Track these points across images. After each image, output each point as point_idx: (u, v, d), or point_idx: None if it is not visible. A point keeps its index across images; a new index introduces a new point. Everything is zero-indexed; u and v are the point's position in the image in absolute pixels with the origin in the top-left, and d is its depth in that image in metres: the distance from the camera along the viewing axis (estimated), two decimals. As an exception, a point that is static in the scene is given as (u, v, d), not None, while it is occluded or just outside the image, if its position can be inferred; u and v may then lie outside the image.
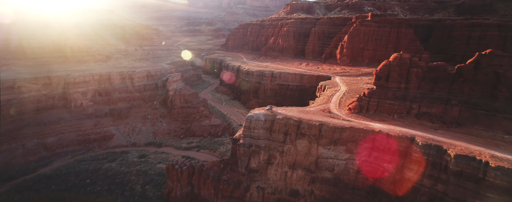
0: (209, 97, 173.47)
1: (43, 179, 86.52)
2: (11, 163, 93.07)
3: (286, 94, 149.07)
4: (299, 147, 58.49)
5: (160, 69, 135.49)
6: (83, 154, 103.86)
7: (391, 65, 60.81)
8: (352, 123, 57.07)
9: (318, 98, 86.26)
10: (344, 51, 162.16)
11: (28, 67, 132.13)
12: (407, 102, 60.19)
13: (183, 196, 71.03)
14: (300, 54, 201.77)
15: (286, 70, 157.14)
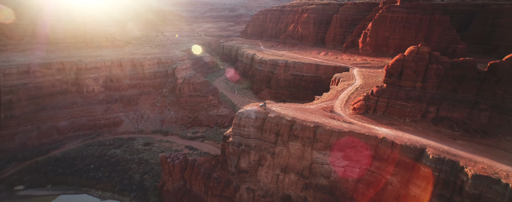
0: (222, 85, 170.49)
1: (52, 162, 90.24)
2: (26, 144, 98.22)
3: (300, 85, 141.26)
4: (292, 150, 52.93)
5: (171, 56, 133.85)
6: (92, 138, 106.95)
7: (405, 60, 51.63)
8: (353, 126, 49.91)
9: (326, 93, 78.50)
10: (367, 40, 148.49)
11: (49, 52, 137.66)
12: (423, 104, 51.22)
13: (175, 190, 69.54)
14: (320, 42, 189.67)
15: (301, 59, 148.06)
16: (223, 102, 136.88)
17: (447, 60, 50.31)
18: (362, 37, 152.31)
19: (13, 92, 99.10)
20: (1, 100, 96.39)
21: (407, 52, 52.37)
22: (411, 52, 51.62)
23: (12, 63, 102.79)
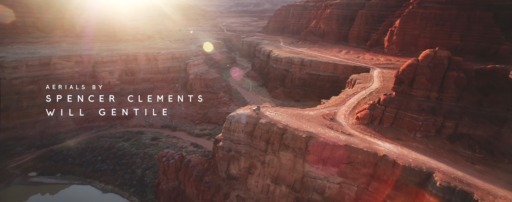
0: (238, 82, 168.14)
1: (65, 151, 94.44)
2: (45, 133, 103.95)
3: (316, 85, 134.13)
4: (283, 160, 48.56)
5: (185, 52, 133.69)
6: (105, 130, 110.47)
7: (419, 65, 44.24)
8: (351, 139, 44.15)
9: (334, 97, 72.06)
10: (394, 38, 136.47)
11: (74, 45, 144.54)
12: (438, 117, 43.76)
13: (170, 190, 68.56)
14: (342, 39, 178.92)
15: (319, 58, 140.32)
16: (235, 100, 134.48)
17: (471, 67, 42.16)
18: (388, 35, 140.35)
19: (35, 83, 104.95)
20: (24, 90, 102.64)
21: (421, 57, 44.86)
22: (426, 57, 44.08)
23: (35, 55, 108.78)
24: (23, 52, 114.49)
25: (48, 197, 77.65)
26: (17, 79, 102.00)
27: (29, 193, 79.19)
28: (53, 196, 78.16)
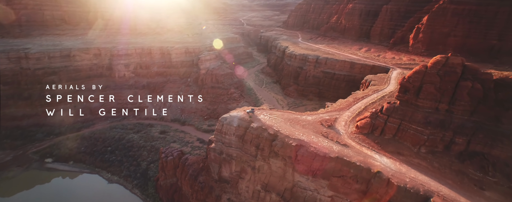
0: (252, 77, 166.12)
1: (79, 140, 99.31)
2: (64, 121, 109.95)
3: (330, 84, 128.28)
4: (273, 167, 46.25)
5: (199, 46, 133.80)
6: (119, 121, 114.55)
7: (427, 73, 39.11)
8: (345, 151, 40.63)
9: (341, 100, 67.60)
10: (420, 36, 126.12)
11: (97, 37, 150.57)
12: (448, 132, 38.70)
13: (167, 186, 69.24)
14: (364, 36, 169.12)
15: (337, 55, 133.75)
16: (246, 96, 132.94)
17: (490, 77, 36.40)
18: (414, 33, 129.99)
19: (55, 73, 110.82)
20: (46, 80, 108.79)
21: (431, 63, 39.57)
22: (436, 63, 38.79)
23: (57, 47, 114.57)
24: (48, 44, 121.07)
25: (59, 184, 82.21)
26: (40, 69, 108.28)
27: (44, 179, 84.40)
28: (64, 183, 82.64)
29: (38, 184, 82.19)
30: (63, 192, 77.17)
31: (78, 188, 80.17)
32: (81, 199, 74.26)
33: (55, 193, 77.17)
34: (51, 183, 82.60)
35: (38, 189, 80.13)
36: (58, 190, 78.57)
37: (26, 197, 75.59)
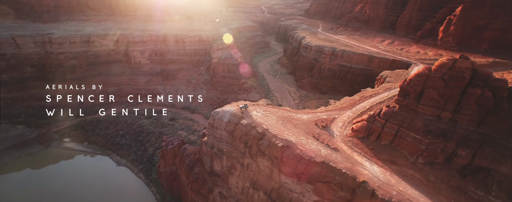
0: (267, 67, 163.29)
1: (94, 122, 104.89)
2: (83, 104, 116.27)
3: (346, 78, 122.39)
4: (260, 166, 45.19)
5: (213, 35, 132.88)
6: (132, 106, 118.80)
7: (430, 77, 34.79)
8: (333, 156, 38.30)
9: (346, 97, 63.81)
10: (451, 28, 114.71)
11: (117, 23, 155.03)
12: (450, 143, 34.75)
13: (167, 174, 71.23)
14: (389, 27, 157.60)
15: (355, 48, 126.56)
16: (257, 87, 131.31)
17: (504, 85, 31.50)
18: (444, 25, 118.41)
19: (76, 58, 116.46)
20: (67, 64, 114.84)
21: (435, 66, 35.05)
22: (441, 66, 34.26)
23: (78, 33, 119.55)
24: (70, 30, 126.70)
25: (73, 162, 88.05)
26: (62, 54, 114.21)
27: (61, 156, 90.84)
28: (78, 162, 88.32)
29: (56, 162, 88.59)
30: (76, 171, 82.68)
31: (90, 168, 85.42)
32: (91, 179, 79.06)
33: (69, 171, 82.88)
34: (67, 161, 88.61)
35: (55, 166, 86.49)
36: (72, 169, 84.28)
37: (43, 173, 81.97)
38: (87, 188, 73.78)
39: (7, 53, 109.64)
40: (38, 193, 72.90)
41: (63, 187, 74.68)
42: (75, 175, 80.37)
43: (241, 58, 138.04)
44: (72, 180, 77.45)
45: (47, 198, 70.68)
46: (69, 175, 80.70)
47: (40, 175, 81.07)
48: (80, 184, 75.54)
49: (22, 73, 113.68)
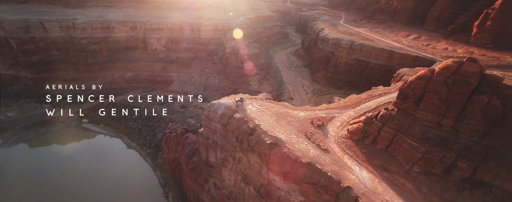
0: (283, 59, 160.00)
1: (111, 105, 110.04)
2: (102, 88, 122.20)
3: (363, 73, 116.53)
4: (251, 161, 44.77)
5: (229, 24, 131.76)
6: (147, 92, 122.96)
7: (432, 80, 31.39)
8: (321, 158, 36.77)
9: (353, 95, 60.68)
10: (488, 23, 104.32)
11: (138, 10, 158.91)
12: (450, 153, 31.71)
13: (170, 160, 73.41)
14: (417, 21, 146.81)
15: (376, 42, 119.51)
16: (270, 78, 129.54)
17: None
18: (480, 19, 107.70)
19: (97, 43, 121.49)
20: (89, 49, 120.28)
21: (439, 68, 31.50)
22: (444, 69, 30.70)
23: (99, 19, 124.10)
24: (93, 15, 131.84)
25: (89, 142, 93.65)
26: (84, 39, 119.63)
27: (79, 136, 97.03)
28: (93, 142, 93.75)
29: (75, 141, 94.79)
30: (89, 151, 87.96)
31: (102, 149, 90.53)
32: (102, 159, 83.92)
33: (85, 151, 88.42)
34: (84, 141, 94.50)
35: (76, 145, 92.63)
36: (87, 148, 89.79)
37: (59, 150, 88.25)
38: (97, 168, 78.43)
39: (36, 37, 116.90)
40: (58, 169, 78.76)
41: (78, 164, 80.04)
42: (89, 155, 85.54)
43: (257, 49, 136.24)
44: (86, 159, 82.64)
45: (62, 175, 76.10)
46: (84, 154, 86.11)
47: (60, 152, 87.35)
48: (92, 163, 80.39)
49: (49, 55, 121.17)
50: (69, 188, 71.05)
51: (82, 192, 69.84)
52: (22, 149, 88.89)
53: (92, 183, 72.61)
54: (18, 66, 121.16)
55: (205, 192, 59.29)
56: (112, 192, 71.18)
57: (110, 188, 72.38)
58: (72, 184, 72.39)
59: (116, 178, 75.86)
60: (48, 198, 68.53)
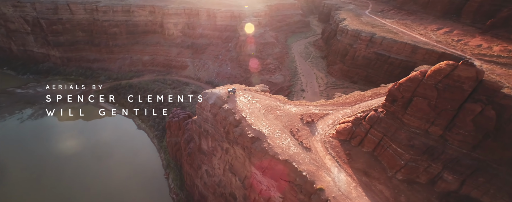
0: (300, 49, 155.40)
1: (127, 87, 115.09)
2: (121, 69, 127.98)
3: (382, 68, 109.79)
4: (237, 152, 44.77)
5: (245, 11, 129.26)
6: (162, 75, 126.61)
7: (422, 83, 28.25)
8: (300, 156, 35.67)
9: (356, 92, 57.53)
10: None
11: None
12: (436, 163, 29.06)
13: (172, 143, 75.88)
14: (453, 13, 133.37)
15: (400, 36, 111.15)
16: (283, 69, 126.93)
17: None
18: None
19: (117, 26, 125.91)
20: (110, 31, 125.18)
21: (431, 71, 28.11)
22: (436, 73, 27.33)
23: (120, 2, 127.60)
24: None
25: (103, 121, 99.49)
26: (106, 21, 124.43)
27: (96, 114, 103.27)
28: (106, 120, 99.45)
29: (94, 118, 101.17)
30: (102, 128, 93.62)
31: (114, 127, 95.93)
32: (113, 137, 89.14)
33: (96, 127, 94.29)
34: (100, 119, 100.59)
35: (92, 122, 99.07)
36: (99, 126, 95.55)
37: (77, 125, 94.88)
38: (107, 146, 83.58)
39: (63, 18, 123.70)
40: (72, 144, 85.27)
41: (89, 140, 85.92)
42: (101, 132, 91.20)
43: (272, 38, 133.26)
44: (97, 136, 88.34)
45: (75, 150, 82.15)
46: (97, 131, 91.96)
47: (76, 127, 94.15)
48: (102, 141, 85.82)
49: (75, 36, 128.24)
50: (81, 162, 76.79)
51: (91, 167, 75.25)
52: (51, 121, 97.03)
53: (101, 160, 77.76)
54: (48, 45, 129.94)
55: (198, 178, 60.97)
56: (119, 169, 75.80)
57: (117, 165, 77.11)
58: (83, 158, 78.08)
59: (123, 156, 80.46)
60: (62, 165, 74.85)
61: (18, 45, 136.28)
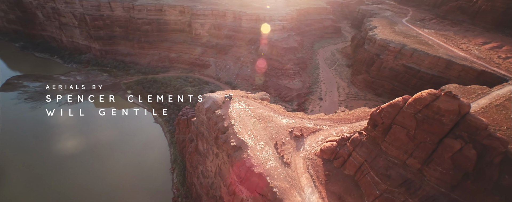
0: (327, 55, 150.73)
1: (152, 81, 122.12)
2: (150, 64, 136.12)
3: (410, 82, 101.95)
4: (224, 158, 45.16)
5: (271, 15, 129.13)
6: (186, 73, 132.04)
7: (402, 111, 25.48)
8: (277, 171, 34.84)
9: (367, 109, 54.17)
10: None
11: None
12: (413, 198, 26.21)
13: (180, 140, 78.88)
14: (507, 26, 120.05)
15: (435, 49, 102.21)
16: (304, 75, 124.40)
17: (499, 145, 20.42)
18: None
19: (150, 24, 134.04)
20: (143, 28, 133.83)
21: (411, 99, 25.19)
22: (416, 101, 24.30)
23: (154, 2, 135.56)
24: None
25: (126, 112, 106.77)
26: (140, 19, 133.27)
27: (122, 104, 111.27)
28: (129, 112, 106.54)
29: (121, 108, 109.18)
30: (123, 119, 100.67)
31: (134, 119, 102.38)
32: (130, 128, 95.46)
33: (118, 117, 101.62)
34: (122, 110, 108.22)
35: (116, 111, 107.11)
36: (121, 116, 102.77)
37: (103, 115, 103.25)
38: (125, 135, 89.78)
39: (104, 15, 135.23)
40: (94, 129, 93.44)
41: (110, 129, 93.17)
42: (121, 121, 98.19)
43: (296, 42, 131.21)
44: (118, 125, 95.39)
45: (95, 135, 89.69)
46: (118, 120, 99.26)
47: (99, 115, 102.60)
48: (121, 130, 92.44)
49: (113, 31, 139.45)
50: (99, 148, 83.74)
51: (105, 153, 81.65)
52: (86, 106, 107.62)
53: (116, 147, 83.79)
54: (90, 38, 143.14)
55: (196, 177, 62.61)
56: (131, 158, 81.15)
57: (130, 154, 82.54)
58: (100, 144, 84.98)
59: (136, 146, 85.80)
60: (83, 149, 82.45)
61: (67, 36, 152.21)
